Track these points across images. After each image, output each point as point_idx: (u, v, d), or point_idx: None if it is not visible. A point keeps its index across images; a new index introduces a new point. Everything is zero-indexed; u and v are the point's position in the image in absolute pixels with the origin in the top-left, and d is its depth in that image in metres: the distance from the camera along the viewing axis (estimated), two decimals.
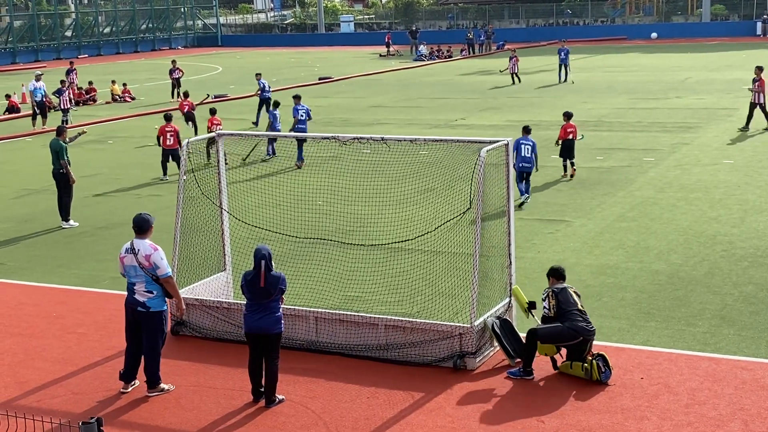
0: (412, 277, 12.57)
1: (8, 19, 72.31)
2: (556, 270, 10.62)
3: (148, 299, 9.83)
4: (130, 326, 10.02)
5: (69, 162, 18.00)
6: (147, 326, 9.88)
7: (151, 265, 9.74)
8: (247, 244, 12.93)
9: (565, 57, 41.29)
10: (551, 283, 10.54)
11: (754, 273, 13.54)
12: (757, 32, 67.04)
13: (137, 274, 9.82)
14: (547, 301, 10.27)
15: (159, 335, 9.93)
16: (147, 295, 9.82)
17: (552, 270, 10.65)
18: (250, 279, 9.55)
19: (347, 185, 14.56)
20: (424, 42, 63.71)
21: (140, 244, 9.84)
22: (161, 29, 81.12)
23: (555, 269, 10.65)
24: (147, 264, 9.75)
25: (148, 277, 9.78)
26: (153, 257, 9.74)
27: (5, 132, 31.90)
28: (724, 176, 20.21)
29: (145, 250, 9.78)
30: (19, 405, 9.83)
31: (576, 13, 78.98)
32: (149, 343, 9.90)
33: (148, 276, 9.77)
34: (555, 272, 10.60)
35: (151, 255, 9.75)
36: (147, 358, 9.98)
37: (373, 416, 9.36)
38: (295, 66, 57.40)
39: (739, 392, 9.62)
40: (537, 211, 17.70)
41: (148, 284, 9.80)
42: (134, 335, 10.00)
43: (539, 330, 10.14)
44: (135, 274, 9.84)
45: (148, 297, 9.83)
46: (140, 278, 9.81)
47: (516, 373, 10.17)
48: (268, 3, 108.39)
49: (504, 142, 10.88)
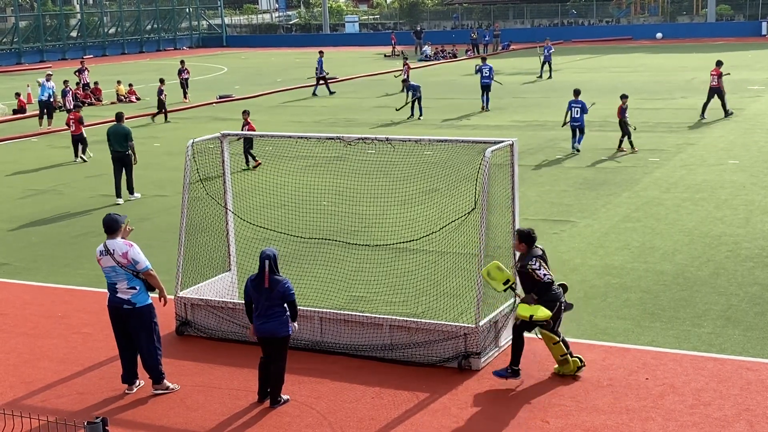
0: (417, 277, 12.57)
1: (14, 20, 72.43)
2: (528, 234, 10.00)
3: (132, 296, 9.83)
4: (118, 328, 10.00)
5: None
6: (136, 323, 9.88)
7: (129, 261, 9.76)
8: (252, 244, 12.96)
9: (548, 54, 43.08)
10: (526, 249, 9.99)
11: (759, 273, 13.52)
12: (763, 32, 66.90)
13: (117, 273, 9.81)
14: (542, 268, 9.82)
15: (152, 329, 9.94)
16: (131, 292, 9.83)
17: (524, 235, 10.01)
18: (254, 280, 9.59)
19: (352, 186, 14.56)
20: (429, 42, 63.69)
21: (114, 245, 9.83)
22: (166, 30, 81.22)
23: (527, 234, 10.00)
24: (125, 261, 9.76)
25: (128, 274, 9.79)
26: (130, 253, 9.77)
27: (12, 132, 31.97)
28: (729, 176, 20.18)
29: (120, 248, 9.80)
30: (24, 404, 9.85)
31: (581, 13, 78.89)
32: (144, 340, 9.89)
33: (128, 273, 9.78)
34: (528, 237, 10.00)
35: (128, 251, 9.78)
36: (145, 355, 9.97)
37: (378, 416, 9.36)
38: (300, 66, 57.43)
39: (745, 393, 9.60)
40: (542, 211, 17.69)
41: (130, 281, 9.81)
42: (124, 336, 9.99)
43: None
44: (115, 274, 9.83)
45: (132, 293, 9.83)
46: (121, 276, 9.81)
47: (502, 373, 10.04)
48: (272, 3, 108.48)
49: (509, 142, 10.87)
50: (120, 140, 20.19)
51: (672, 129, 26.65)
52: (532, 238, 10.03)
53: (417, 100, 31.43)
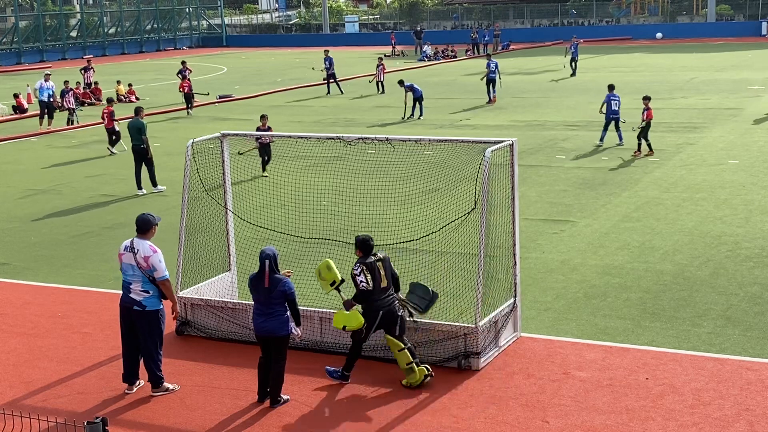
0: (417, 277, 12.55)
1: (13, 20, 72.42)
2: (365, 241, 10.09)
3: (144, 298, 9.83)
4: (126, 327, 10.00)
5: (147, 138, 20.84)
6: (143, 325, 9.88)
7: (149, 266, 9.76)
8: (252, 244, 12.95)
9: (575, 51, 44.07)
10: (362, 255, 10.10)
11: (759, 273, 13.52)
12: (763, 32, 66.91)
13: (134, 273, 9.82)
14: (362, 274, 9.94)
15: (156, 334, 9.93)
16: (143, 294, 9.83)
17: (360, 242, 10.12)
18: (254, 279, 9.59)
19: (352, 185, 14.56)
20: (429, 42, 63.67)
21: (140, 244, 9.84)
22: (166, 30, 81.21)
23: (364, 241, 10.10)
24: (145, 265, 9.76)
25: (144, 277, 9.79)
26: (152, 259, 9.75)
27: (12, 132, 31.97)
28: (729, 176, 20.18)
29: (145, 251, 9.79)
30: (24, 404, 9.85)
31: (581, 13, 78.89)
32: (147, 343, 9.90)
33: (144, 276, 9.78)
34: (363, 244, 10.09)
35: (150, 257, 9.76)
36: (146, 358, 9.98)
37: (378, 416, 9.36)
38: (300, 66, 57.43)
39: (744, 393, 9.60)
40: (542, 211, 17.69)
41: (144, 284, 9.81)
42: (130, 336, 9.99)
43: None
44: (132, 273, 9.84)
45: (144, 296, 9.83)
46: (137, 277, 9.81)
47: (333, 373, 10.15)
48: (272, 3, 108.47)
49: (509, 142, 10.86)
50: (134, 134, 20.87)
51: (672, 129, 26.65)
52: (368, 245, 10.08)
53: (418, 101, 31.43)
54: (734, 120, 28.15)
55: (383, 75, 40.38)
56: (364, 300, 10.02)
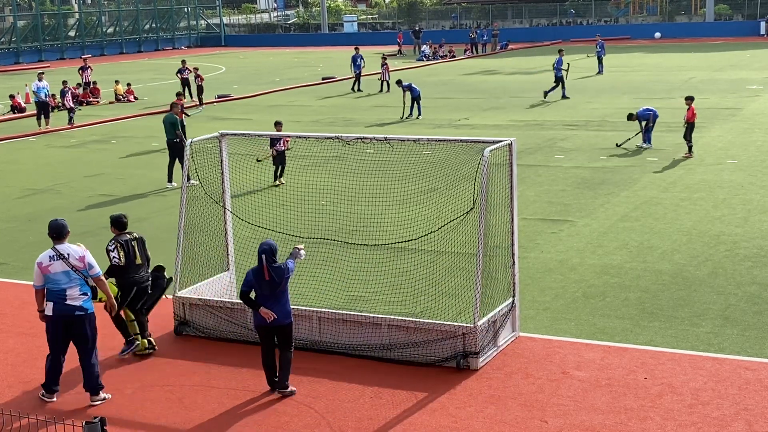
0: (415, 277, 12.56)
1: (12, 19, 72.36)
2: (118, 220, 10.98)
3: (84, 301, 9.70)
4: (61, 338, 9.73)
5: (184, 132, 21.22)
6: (87, 330, 9.71)
7: (85, 266, 9.71)
8: (250, 243, 12.93)
9: (600, 50, 44.57)
10: (117, 233, 10.94)
11: (757, 273, 13.53)
12: (761, 32, 66.95)
13: (70, 279, 9.64)
14: (116, 250, 10.74)
15: (96, 338, 9.85)
16: (82, 298, 9.69)
17: (113, 221, 11.01)
18: (256, 272, 9.74)
19: (350, 185, 14.55)
20: (429, 42, 63.65)
21: (67, 249, 9.72)
22: (165, 29, 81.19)
23: (117, 219, 10.99)
24: (81, 266, 9.69)
25: (81, 280, 9.69)
26: (87, 258, 9.75)
27: (9, 132, 31.94)
28: (728, 176, 20.19)
29: (76, 252, 9.73)
30: (22, 404, 9.84)
31: (579, 13, 78.91)
32: (90, 348, 9.75)
33: (82, 278, 9.69)
34: (116, 222, 10.96)
35: (85, 256, 9.75)
36: (89, 365, 9.78)
37: (377, 416, 9.36)
38: (299, 66, 57.42)
39: (743, 392, 9.61)
40: (540, 211, 17.70)
41: (82, 287, 9.70)
42: (65, 346, 9.79)
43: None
44: (68, 280, 9.64)
45: (83, 299, 9.69)
46: (74, 282, 9.65)
47: (125, 350, 11.00)
48: (271, 3, 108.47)
49: (507, 141, 10.86)
50: (167, 128, 21.36)
51: (670, 128, 26.64)
52: (122, 223, 11.02)
53: (416, 100, 31.44)
54: (733, 120, 28.17)
55: (388, 74, 40.49)
56: (120, 275, 10.81)
